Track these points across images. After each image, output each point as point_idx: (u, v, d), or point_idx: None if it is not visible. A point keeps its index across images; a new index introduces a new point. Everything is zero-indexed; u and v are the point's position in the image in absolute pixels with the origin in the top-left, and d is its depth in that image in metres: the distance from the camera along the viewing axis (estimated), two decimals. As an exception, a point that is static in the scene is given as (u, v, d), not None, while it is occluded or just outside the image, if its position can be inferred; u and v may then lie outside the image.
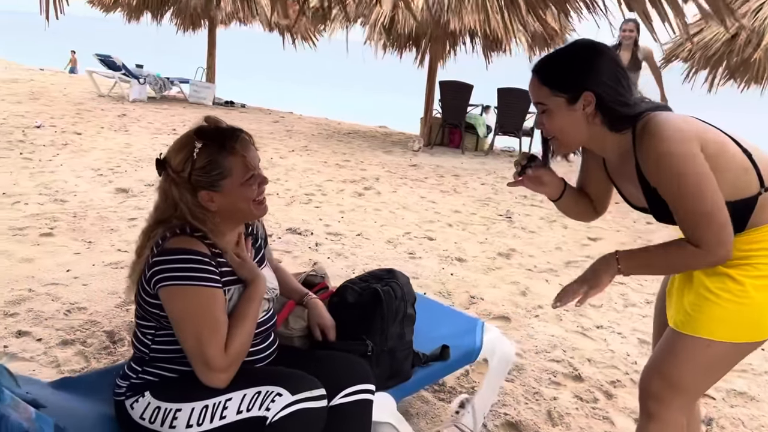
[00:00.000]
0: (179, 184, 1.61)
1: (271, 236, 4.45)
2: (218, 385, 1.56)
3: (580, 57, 1.59)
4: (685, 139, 1.49)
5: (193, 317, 1.55)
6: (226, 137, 1.64)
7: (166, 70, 13.52)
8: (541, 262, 4.49)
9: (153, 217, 1.69)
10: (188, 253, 1.57)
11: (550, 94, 1.58)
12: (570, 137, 1.64)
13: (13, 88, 11.87)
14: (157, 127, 9.07)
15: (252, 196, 1.66)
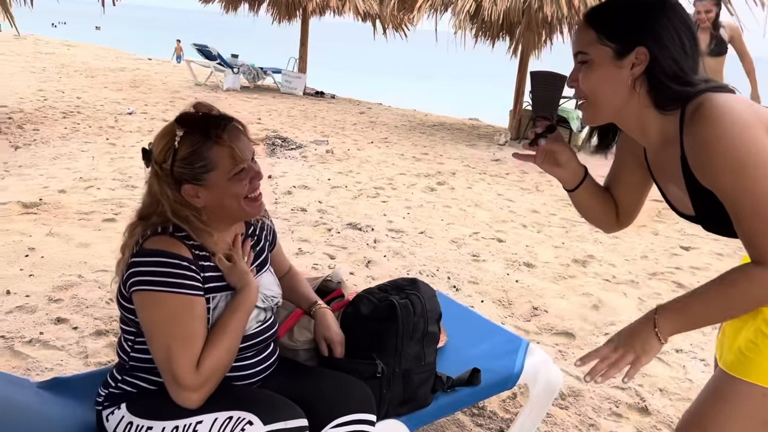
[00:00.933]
0: (161, 177, 1.44)
1: (330, 230, 4.29)
2: (188, 405, 1.39)
3: (644, 4, 1.25)
4: (746, 124, 1.14)
5: (164, 327, 1.38)
6: (211, 125, 1.44)
7: (260, 59, 13.79)
8: (622, 272, 4.05)
9: (136, 213, 1.53)
10: (165, 255, 1.39)
11: (596, 40, 1.26)
12: (604, 101, 1.29)
13: (119, 77, 12.49)
14: (243, 116, 9.14)
15: (242, 193, 1.47)
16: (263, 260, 1.68)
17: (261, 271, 1.65)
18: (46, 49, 16.97)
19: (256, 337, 1.57)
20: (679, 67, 1.22)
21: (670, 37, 1.22)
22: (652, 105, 1.26)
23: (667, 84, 1.22)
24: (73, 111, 8.18)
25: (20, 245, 3.61)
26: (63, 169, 5.35)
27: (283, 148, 7.01)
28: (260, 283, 1.60)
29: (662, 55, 1.22)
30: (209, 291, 1.47)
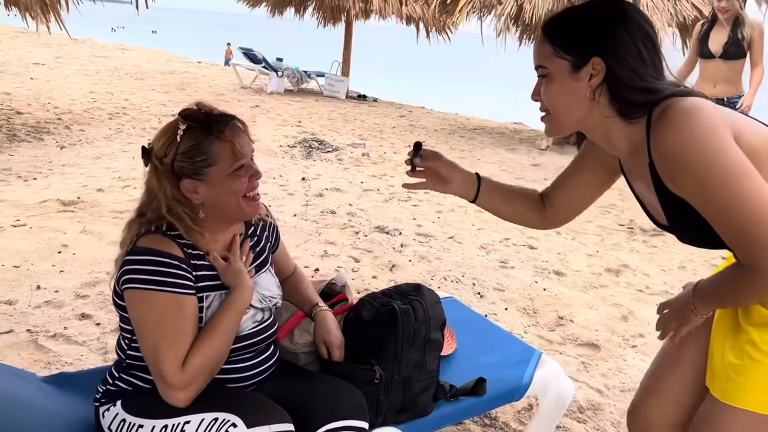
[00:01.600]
0: (160, 172, 1.45)
1: (357, 233, 4.28)
2: (176, 403, 1.39)
3: (598, 15, 1.24)
4: (711, 128, 1.10)
5: (152, 325, 1.39)
6: (214, 121, 1.46)
7: (305, 63, 13.92)
8: (656, 283, 3.90)
9: (135, 210, 1.54)
10: (156, 254, 1.40)
11: (552, 54, 1.26)
12: (565, 114, 1.28)
13: (167, 79, 12.80)
14: (284, 118, 9.29)
15: (241, 190, 1.48)
16: (263, 260, 1.67)
17: (260, 272, 1.64)
18: (102, 52, 17.54)
19: (252, 337, 1.56)
20: (638, 76, 1.19)
21: (626, 47, 1.19)
22: (616, 114, 1.24)
23: (628, 93, 1.20)
24: (119, 112, 8.42)
25: (54, 242, 3.72)
26: (103, 169, 5.51)
27: (320, 151, 7.05)
28: (258, 283, 1.59)
29: (619, 65, 1.19)
30: (202, 290, 1.47)
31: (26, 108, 8.04)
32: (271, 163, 6.32)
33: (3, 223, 3.95)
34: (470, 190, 1.56)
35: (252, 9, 13.42)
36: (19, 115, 7.59)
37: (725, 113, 1.18)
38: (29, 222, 4.01)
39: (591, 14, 1.26)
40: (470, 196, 1.56)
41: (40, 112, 7.92)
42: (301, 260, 3.80)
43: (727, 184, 1.08)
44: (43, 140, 6.53)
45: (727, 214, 1.09)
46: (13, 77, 10.57)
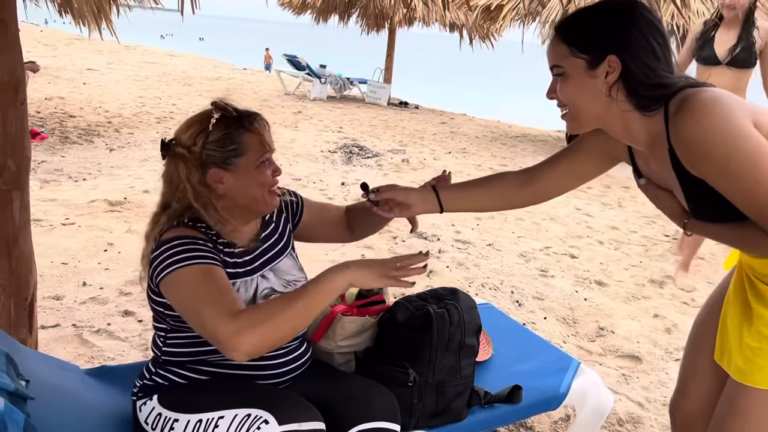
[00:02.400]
0: (188, 160, 1.46)
1: (395, 238, 4.28)
2: (239, 358, 1.29)
3: (610, 14, 1.29)
4: (731, 115, 1.16)
5: (189, 298, 1.36)
6: (243, 114, 1.50)
7: (348, 70, 14.05)
8: (702, 296, 3.78)
9: (158, 204, 1.56)
10: (179, 239, 1.42)
11: (568, 53, 1.30)
12: (584, 111, 1.33)
13: (213, 85, 13.08)
14: (326, 124, 9.37)
15: (266, 182, 1.50)
16: (283, 245, 1.67)
17: (280, 257, 1.64)
18: (151, 58, 18.04)
19: None
20: (652, 71, 1.24)
21: (639, 44, 1.24)
22: (634, 108, 1.29)
23: (643, 88, 1.25)
24: (166, 117, 8.63)
25: (101, 240, 3.83)
26: (150, 171, 5.64)
27: (360, 157, 7.08)
28: (279, 269, 1.61)
29: (634, 61, 1.24)
30: (230, 276, 1.46)
31: (78, 111, 8.32)
32: (311, 168, 6.39)
33: (53, 221, 4.08)
34: (432, 204, 1.59)
35: (297, 16, 13.60)
36: (71, 118, 7.86)
37: (743, 102, 1.22)
38: (78, 221, 4.14)
39: (604, 14, 1.30)
40: (435, 209, 1.60)
41: (92, 115, 8.19)
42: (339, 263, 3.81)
43: (747, 167, 1.13)
44: (93, 143, 6.74)
45: (750, 194, 1.15)
46: (67, 82, 10.95)
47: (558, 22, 1.37)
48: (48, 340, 2.66)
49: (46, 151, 6.08)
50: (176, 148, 1.48)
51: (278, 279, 1.59)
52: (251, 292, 1.53)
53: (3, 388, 1.37)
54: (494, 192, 1.65)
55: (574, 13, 1.36)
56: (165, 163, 1.52)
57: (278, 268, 1.61)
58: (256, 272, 1.56)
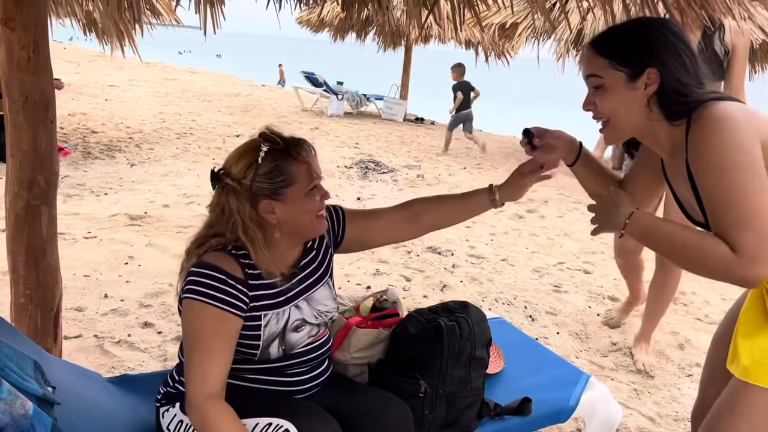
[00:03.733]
0: (240, 192, 1.48)
1: (410, 253, 4.33)
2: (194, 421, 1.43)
3: (647, 30, 1.39)
4: (737, 129, 1.25)
5: (191, 334, 1.46)
6: (290, 144, 1.52)
7: (365, 86, 14.18)
8: (716, 312, 3.78)
9: (206, 225, 1.59)
10: (216, 270, 1.46)
11: (608, 66, 1.38)
12: (624, 121, 1.42)
13: (233, 102, 13.26)
14: (342, 140, 9.48)
15: (315, 208, 1.55)
16: (321, 273, 1.69)
17: (317, 286, 1.66)
18: (172, 75, 18.33)
19: (308, 354, 1.61)
20: (684, 85, 1.33)
21: (673, 58, 1.34)
22: (663, 118, 1.38)
23: (674, 100, 1.34)
24: (186, 132, 8.79)
25: (122, 253, 3.92)
26: (170, 186, 5.76)
27: (376, 172, 7.16)
28: (314, 298, 1.63)
29: (669, 75, 1.34)
30: (260, 309, 1.52)
31: (100, 127, 8.50)
32: (328, 183, 6.40)
33: (76, 235, 4.19)
34: (572, 154, 1.65)
35: (315, 34, 13.78)
36: (93, 134, 8.04)
37: (752, 117, 1.30)
38: (99, 234, 4.24)
39: (642, 29, 1.40)
40: (570, 159, 1.66)
41: (113, 131, 8.36)
42: (354, 278, 3.87)
43: (733, 178, 1.22)
44: (114, 158, 6.88)
45: (728, 201, 1.22)
46: (90, 98, 11.18)
47: (594, 37, 1.45)
48: (71, 350, 2.74)
49: (69, 166, 6.22)
50: (226, 179, 1.49)
51: (311, 309, 1.62)
52: (282, 323, 1.55)
53: (32, 393, 1.44)
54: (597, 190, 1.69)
55: (610, 28, 1.47)
56: (215, 192, 1.55)
57: (313, 297, 1.63)
58: (291, 302, 1.58)
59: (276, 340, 1.54)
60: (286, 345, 1.55)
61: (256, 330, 1.51)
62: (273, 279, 1.54)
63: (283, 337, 1.55)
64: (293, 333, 1.56)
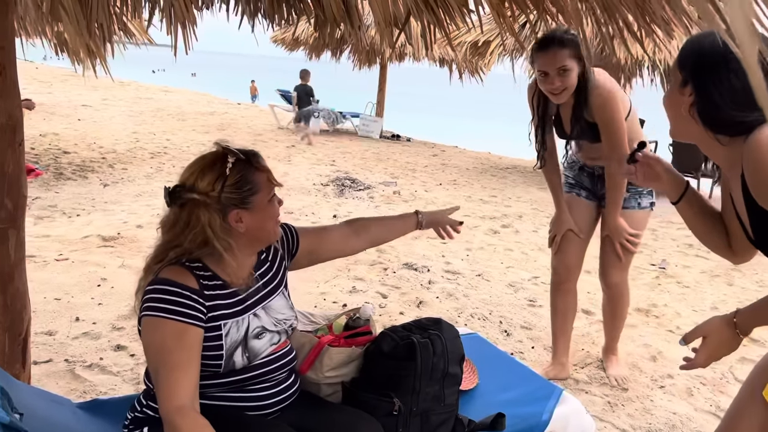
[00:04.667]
0: (209, 205, 1.50)
1: (386, 269, 4.34)
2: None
3: (704, 50, 1.39)
4: None
5: (153, 351, 1.46)
6: (250, 154, 1.59)
7: (340, 104, 14.24)
8: (687, 324, 3.84)
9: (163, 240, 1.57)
10: (170, 284, 1.47)
11: (675, 66, 1.45)
12: (672, 120, 1.50)
13: (208, 120, 13.23)
14: (319, 158, 9.49)
15: (276, 214, 1.62)
16: (277, 283, 1.72)
17: (272, 296, 1.69)
18: (146, 94, 18.24)
19: (271, 364, 1.61)
20: (717, 107, 1.34)
21: (714, 85, 1.34)
22: (713, 137, 1.40)
23: (714, 122, 1.37)
24: (160, 152, 8.73)
25: (95, 275, 3.87)
26: (144, 206, 5.71)
27: (352, 189, 7.18)
28: (271, 307, 1.66)
29: (703, 97, 1.36)
30: (219, 318, 1.53)
31: (73, 148, 8.41)
32: (304, 201, 6.47)
33: (47, 257, 4.13)
34: (676, 192, 1.64)
35: (290, 52, 13.83)
36: (66, 154, 7.95)
37: None
38: (71, 256, 4.18)
39: (700, 45, 1.40)
40: (674, 197, 1.64)
41: (86, 151, 8.28)
42: (330, 295, 3.87)
43: None
44: (87, 178, 6.81)
45: None
46: (62, 118, 11.07)
47: None
48: (40, 376, 2.69)
49: (40, 188, 6.14)
50: (190, 194, 1.50)
51: (269, 317, 1.64)
52: (242, 331, 1.56)
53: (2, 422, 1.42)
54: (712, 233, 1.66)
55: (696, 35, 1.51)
56: (173, 210, 1.54)
57: (270, 306, 1.66)
58: (249, 311, 1.60)
59: (239, 348, 1.55)
60: (249, 353, 1.56)
61: (217, 340, 1.51)
62: (230, 288, 1.56)
63: (245, 344, 1.56)
64: (255, 340, 1.58)
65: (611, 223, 2.84)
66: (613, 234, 2.87)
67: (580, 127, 2.71)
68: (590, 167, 2.92)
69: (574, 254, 3.05)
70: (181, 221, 1.53)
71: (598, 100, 2.59)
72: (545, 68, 2.51)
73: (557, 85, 2.50)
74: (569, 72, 2.48)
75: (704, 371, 3.20)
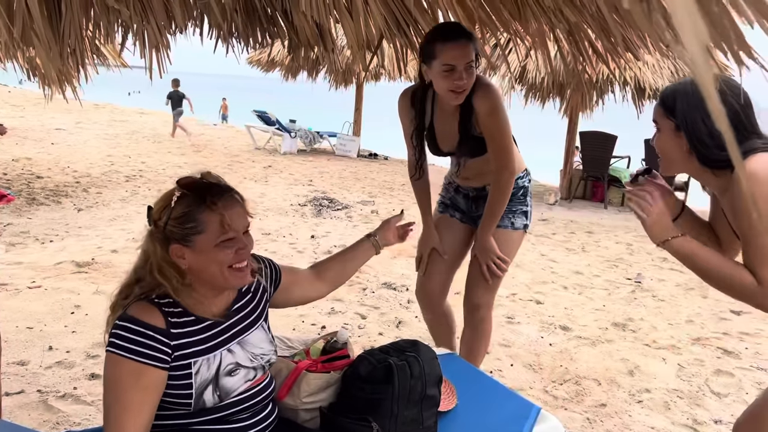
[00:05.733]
0: (154, 234, 1.49)
1: (365, 290, 4.33)
2: None
3: (686, 95, 1.58)
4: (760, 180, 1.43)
5: (108, 388, 1.42)
6: (208, 191, 1.49)
7: (317, 124, 14.28)
8: (663, 337, 3.89)
9: (130, 274, 1.56)
10: (134, 322, 1.43)
11: (662, 114, 1.62)
12: (669, 162, 1.67)
13: (184, 142, 13.15)
14: (296, 178, 9.48)
15: (226, 261, 1.49)
16: (256, 316, 1.67)
17: (251, 329, 1.64)
18: (121, 116, 18.11)
19: (248, 400, 1.57)
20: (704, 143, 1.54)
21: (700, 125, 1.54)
22: (708, 170, 1.59)
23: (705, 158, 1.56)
24: (135, 175, 8.66)
25: (68, 302, 3.81)
26: (118, 230, 5.65)
27: (330, 209, 7.17)
28: (248, 341, 1.61)
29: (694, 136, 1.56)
30: (189, 356, 1.48)
31: (46, 172, 8.30)
32: (281, 222, 6.45)
33: (19, 285, 4.05)
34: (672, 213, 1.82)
35: (266, 73, 13.86)
36: (39, 179, 7.84)
37: None
38: (44, 283, 4.12)
39: (684, 93, 1.58)
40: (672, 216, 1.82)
41: (60, 176, 8.18)
42: (309, 318, 3.85)
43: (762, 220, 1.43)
44: (61, 203, 6.72)
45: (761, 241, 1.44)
46: (35, 143, 10.93)
47: None
48: (12, 408, 2.63)
49: (12, 214, 6.05)
50: (149, 219, 1.50)
51: (245, 352, 1.59)
52: (214, 368, 1.51)
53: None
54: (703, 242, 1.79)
55: (674, 84, 1.69)
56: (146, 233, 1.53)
57: (247, 340, 1.61)
58: (222, 346, 1.55)
59: (209, 386, 1.50)
60: (221, 391, 1.51)
61: (186, 378, 1.47)
62: (202, 323, 1.52)
63: (216, 382, 1.51)
64: (227, 378, 1.53)
65: (482, 241, 2.58)
66: (481, 254, 2.61)
67: (467, 140, 2.44)
68: (465, 188, 2.72)
69: (438, 281, 2.80)
70: (142, 247, 1.53)
71: (486, 105, 2.31)
72: (454, 61, 2.18)
73: (465, 82, 2.20)
74: (473, 70, 2.22)
75: (681, 384, 3.23)
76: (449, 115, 2.44)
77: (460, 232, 2.74)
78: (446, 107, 2.44)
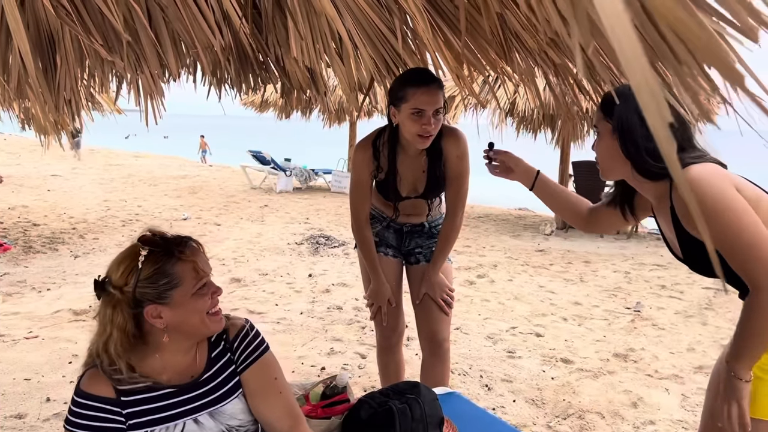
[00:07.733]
0: (120, 301, 1.38)
1: (364, 328, 4.30)
2: None
3: (622, 94, 1.55)
4: (717, 177, 1.41)
5: None
6: (173, 243, 1.45)
7: (312, 161, 14.38)
8: (665, 366, 3.87)
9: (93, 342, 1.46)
10: (82, 396, 1.40)
11: (602, 117, 1.60)
12: (606, 166, 1.63)
13: (179, 184, 13.21)
14: (293, 216, 9.50)
15: (206, 307, 1.45)
16: (233, 386, 1.54)
17: (230, 398, 1.53)
18: (116, 160, 18.20)
19: None
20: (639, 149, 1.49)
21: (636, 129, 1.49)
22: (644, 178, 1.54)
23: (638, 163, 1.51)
24: (132, 219, 8.67)
25: (65, 352, 3.78)
26: (115, 276, 5.63)
27: (327, 246, 7.18)
28: (223, 412, 1.51)
29: (624, 138, 1.52)
30: (146, 425, 1.44)
31: (42, 219, 8.31)
32: (278, 262, 6.44)
33: (16, 335, 4.03)
34: (528, 181, 1.99)
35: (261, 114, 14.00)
36: (35, 226, 7.85)
37: (725, 173, 1.46)
38: (41, 333, 4.09)
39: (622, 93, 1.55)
40: (528, 184, 2.00)
41: (56, 222, 8.18)
42: (308, 359, 3.82)
43: (731, 220, 1.35)
44: (57, 250, 6.71)
45: (735, 242, 1.35)
46: (31, 190, 10.96)
47: None
48: (10, 463, 2.60)
49: (8, 263, 6.03)
50: (109, 288, 1.40)
51: (218, 424, 1.50)
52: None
53: None
54: (570, 208, 2.00)
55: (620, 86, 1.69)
56: (100, 303, 1.44)
57: (221, 411, 1.51)
58: (186, 415, 1.47)
59: None
60: None
61: None
62: (161, 390, 1.45)
63: None
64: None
65: (434, 277, 2.61)
66: (433, 289, 2.62)
67: (434, 183, 2.48)
68: (399, 223, 2.70)
69: (400, 330, 2.88)
70: (101, 317, 1.43)
71: (458, 149, 2.43)
72: (423, 106, 2.22)
73: (433, 127, 2.25)
74: (440, 116, 2.28)
75: (685, 415, 3.21)
76: (413, 159, 2.47)
77: (395, 268, 2.75)
78: (410, 151, 2.45)
